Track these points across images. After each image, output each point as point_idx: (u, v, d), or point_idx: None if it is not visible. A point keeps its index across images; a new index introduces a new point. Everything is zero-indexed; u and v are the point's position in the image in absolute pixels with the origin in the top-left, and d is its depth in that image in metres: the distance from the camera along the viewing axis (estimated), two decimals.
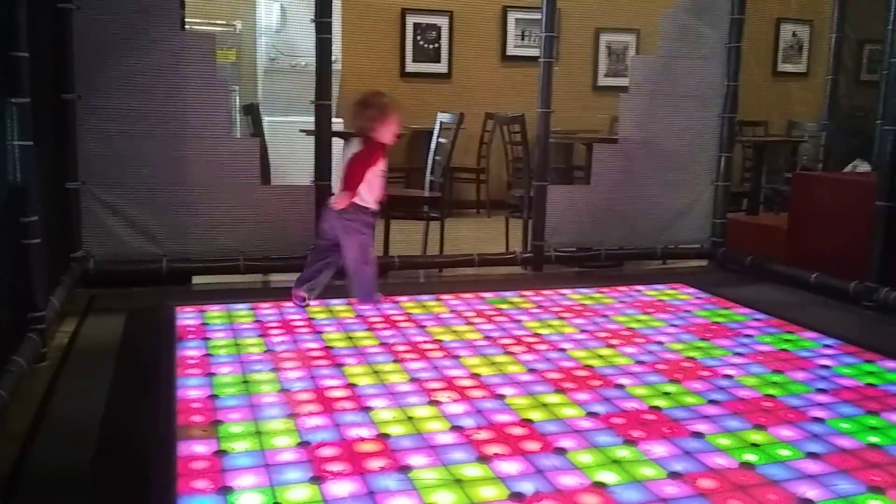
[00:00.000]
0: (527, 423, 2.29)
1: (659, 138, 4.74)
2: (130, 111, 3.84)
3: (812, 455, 2.14)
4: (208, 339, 3.04)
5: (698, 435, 2.24)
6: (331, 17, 4.04)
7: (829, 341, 3.23)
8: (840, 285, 3.98)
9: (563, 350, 3.00)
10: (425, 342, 3.05)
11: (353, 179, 3.36)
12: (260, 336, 3.08)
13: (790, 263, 4.39)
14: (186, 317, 3.34)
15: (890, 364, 2.97)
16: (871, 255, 3.85)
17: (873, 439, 2.27)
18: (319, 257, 3.49)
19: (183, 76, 3.90)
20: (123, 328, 3.24)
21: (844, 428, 2.34)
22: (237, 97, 5.84)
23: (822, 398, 2.58)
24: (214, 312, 3.41)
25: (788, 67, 8.71)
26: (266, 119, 5.83)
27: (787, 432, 2.28)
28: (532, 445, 2.14)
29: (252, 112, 4.98)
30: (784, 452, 2.15)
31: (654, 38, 5.00)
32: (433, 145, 5.05)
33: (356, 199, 3.37)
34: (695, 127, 4.80)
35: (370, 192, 3.42)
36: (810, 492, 1.93)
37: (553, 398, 2.50)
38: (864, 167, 5.01)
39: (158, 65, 3.86)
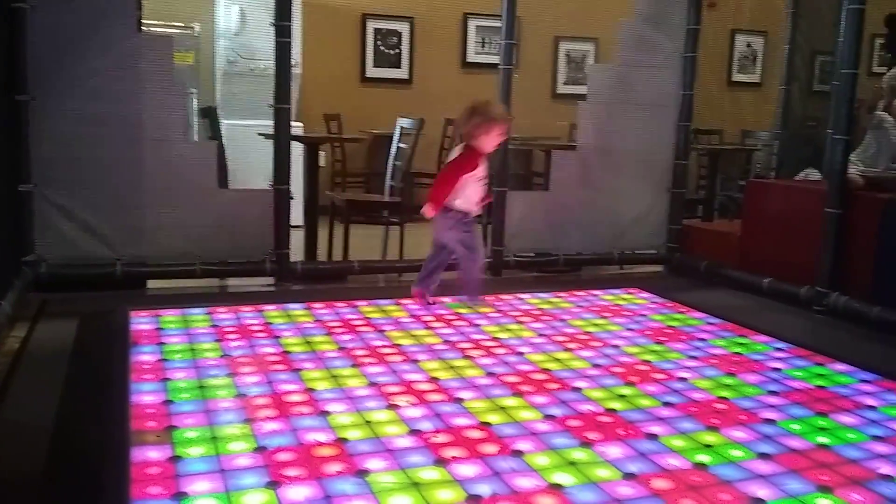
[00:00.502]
0: (485, 426, 2.30)
1: (616, 146, 4.81)
2: (85, 113, 3.78)
3: (763, 455, 2.18)
4: (163, 343, 3.00)
5: (653, 436, 2.27)
6: (290, 20, 4.03)
7: (781, 345, 3.30)
8: (791, 290, 4.07)
9: (521, 354, 3.02)
10: (384, 346, 3.05)
11: (438, 189, 3.54)
12: (216, 341, 3.05)
13: (743, 269, 4.47)
14: (141, 321, 3.29)
15: (839, 367, 3.04)
16: (821, 260, 3.94)
17: (822, 440, 2.32)
18: (432, 257, 3.71)
19: (139, 78, 3.85)
20: (76, 333, 3.18)
21: (795, 429, 2.39)
22: (195, 100, 5.78)
23: (773, 400, 2.64)
24: (170, 317, 3.37)
25: (743, 77, 8.89)
26: (224, 122, 5.79)
27: (739, 433, 2.33)
28: (489, 448, 2.15)
29: (209, 115, 4.94)
30: (736, 453, 2.19)
31: (612, 48, 5.07)
32: (393, 150, 5.05)
33: (456, 205, 3.54)
34: (651, 135, 4.87)
35: (467, 198, 3.56)
36: (761, 491, 1.97)
37: (511, 401, 2.51)
38: (815, 175, 5.12)
39: (114, 66, 3.80)
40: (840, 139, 3.90)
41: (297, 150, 4.63)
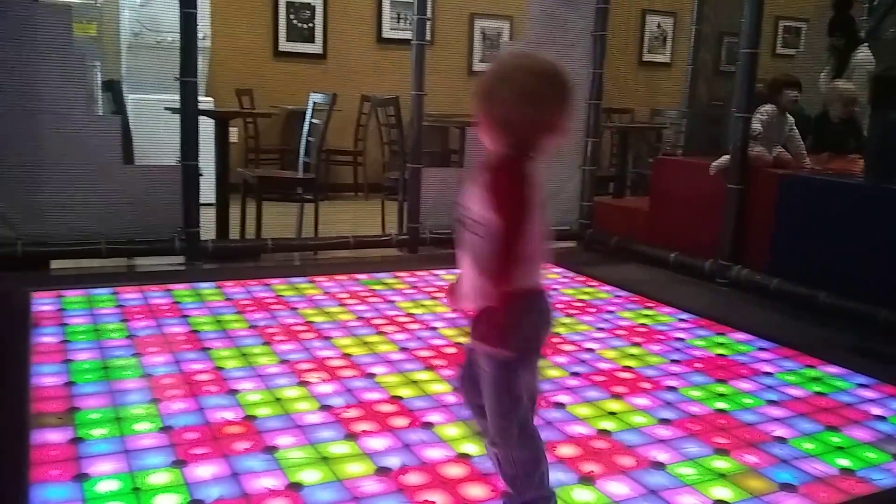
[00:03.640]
0: (396, 399, 2.32)
1: None
2: None
3: (664, 421, 2.26)
4: (66, 324, 2.91)
5: (560, 405, 2.33)
6: None
7: (685, 316, 3.42)
8: (696, 264, 4.21)
9: (434, 329, 3.05)
10: (296, 324, 3.03)
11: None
12: (122, 321, 2.97)
13: (651, 244, 4.59)
14: (43, 302, 3.18)
15: (739, 336, 3.17)
16: (724, 235, 4.08)
17: (721, 405, 2.42)
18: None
19: (37, 50, 3.69)
20: None
21: (695, 395, 2.49)
22: (98, 73, 5.56)
23: (675, 368, 2.73)
24: (73, 298, 3.26)
25: (653, 57, 9.08)
26: (130, 96, 5.60)
27: (642, 401, 2.41)
28: (400, 421, 2.16)
29: (112, 88, 4.76)
30: (639, 419, 2.27)
31: (526, 25, 5.10)
32: (306, 126, 4.98)
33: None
34: None
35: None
36: (662, 455, 2.04)
37: (422, 375, 2.53)
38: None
39: (10, 37, 3.63)
40: (741, 117, 4.03)
41: (208, 125, 4.51)
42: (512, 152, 1.49)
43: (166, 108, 4.34)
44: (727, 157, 4.15)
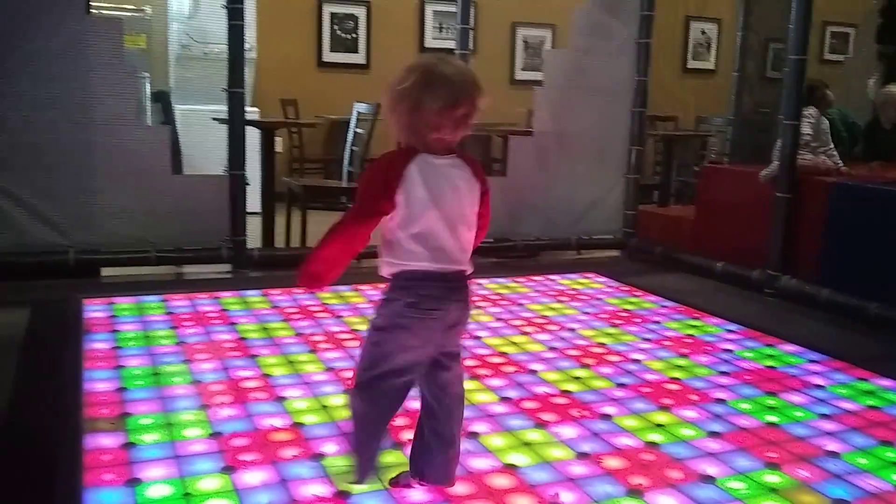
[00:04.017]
0: None
1: (573, 131, 4.83)
2: (34, 97, 3.70)
3: (713, 434, 2.23)
4: (117, 331, 2.97)
5: (606, 417, 2.31)
6: (242, 3, 3.96)
7: (733, 326, 3.37)
8: (743, 273, 4.15)
9: (478, 338, 3.04)
10: (342, 332, 3.05)
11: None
12: (171, 328, 3.02)
13: (697, 253, 4.54)
14: (94, 309, 3.25)
15: (789, 347, 3.11)
16: (772, 244, 4.02)
17: (771, 418, 2.38)
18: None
19: (88, 61, 3.78)
20: (28, 321, 3.12)
21: (744, 408, 2.45)
22: (147, 84, 5.68)
23: (724, 380, 2.69)
24: (124, 305, 3.32)
25: (697, 64, 8.99)
26: (179, 107, 5.70)
27: (690, 413, 2.38)
28: None
29: (162, 99, 4.86)
30: (687, 432, 2.24)
31: (569, 33, 5.09)
32: (350, 135, 5.03)
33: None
34: (607, 121, 4.91)
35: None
36: (711, 469, 2.01)
37: (468, 384, 2.52)
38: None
39: (63, 49, 3.72)
40: (789, 124, 3.97)
41: (254, 135, 4.58)
42: (406, 146, 1.68)
43: (214, 119, 4.41)
44: (778, 164, 4.08)
